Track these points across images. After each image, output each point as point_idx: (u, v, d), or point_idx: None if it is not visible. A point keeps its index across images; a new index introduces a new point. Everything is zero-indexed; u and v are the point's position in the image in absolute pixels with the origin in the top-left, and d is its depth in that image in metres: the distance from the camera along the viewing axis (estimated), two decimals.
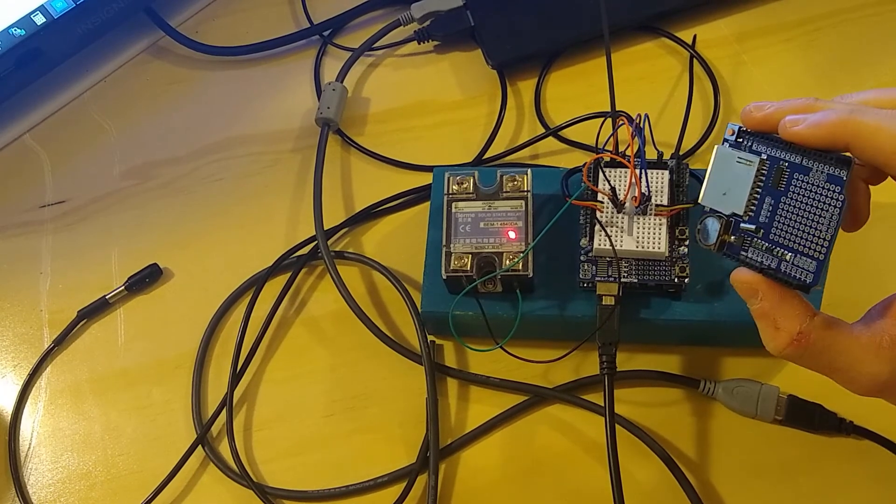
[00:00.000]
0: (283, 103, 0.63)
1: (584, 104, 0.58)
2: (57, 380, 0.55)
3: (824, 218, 0.33)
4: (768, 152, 0.35)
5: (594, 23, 0.55)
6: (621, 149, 0.46)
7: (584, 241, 0.46)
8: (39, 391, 0.54)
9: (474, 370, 0.51)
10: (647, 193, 0.44)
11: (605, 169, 0.46)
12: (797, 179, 0.34)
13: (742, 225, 0.35)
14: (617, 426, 0.45)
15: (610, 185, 0.44)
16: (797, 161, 0.34)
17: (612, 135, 0.46)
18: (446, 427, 0.50)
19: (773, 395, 0.47)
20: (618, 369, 0.45)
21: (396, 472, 0.49)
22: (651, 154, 0.46)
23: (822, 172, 0.34)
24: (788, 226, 0.34)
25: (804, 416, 0.47)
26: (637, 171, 0.43)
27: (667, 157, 0.47)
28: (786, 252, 0.34)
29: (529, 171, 0.47)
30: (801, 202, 0.34)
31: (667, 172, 0.45)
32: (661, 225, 0.44)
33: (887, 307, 0.34)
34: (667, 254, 0.44)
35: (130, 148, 0.62)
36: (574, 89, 0.60)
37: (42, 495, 0.51)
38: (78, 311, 0.56)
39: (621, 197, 0.44)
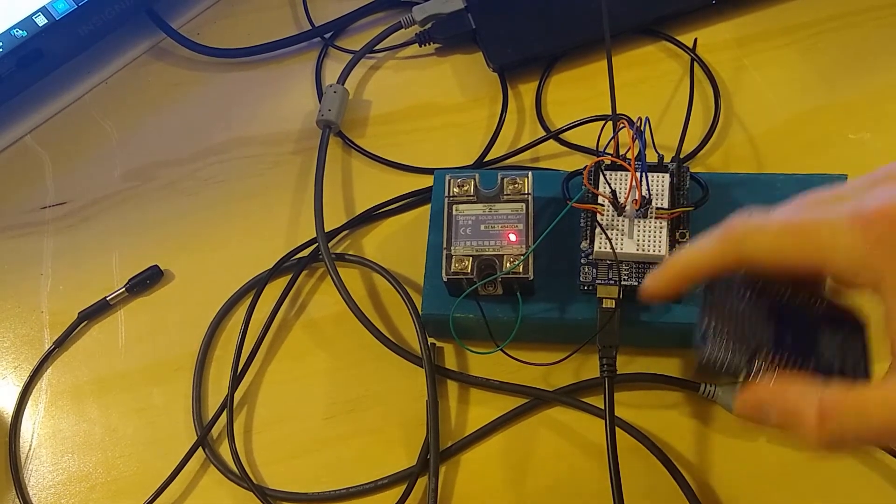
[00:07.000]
0: (284, 105, 0.63)
1: (584, 107, 0.58)
2: (57, 381, 0.55)
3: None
4: None
5: (595, 26, 0.55)
6: (622, 152, 0.46)
7: (584, 244, 0.46)
8: (40, 393, 0.54)
9: (474, 372, 0.51)
10: (647, 196, 0.44)
11: (605, 172, 0.46)
12: None
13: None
14: (617, 429, 0.45)
15: (610, 188, 0.44)
16: None
17: (613, 138, 0.46)
18: (446, 429, 0.50)
19: None
20: (618, 372, 0.45)
21: (396, 474, 0.49)
22: (652, 157, 0.46)
23: None
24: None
25: None
26: (638, 175, 0.44)
27: (667, 160, 0.47)
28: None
29: (530, 173, 0.47)
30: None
31: (667, 176, 0.45)
32: (661, 228, 0.45)
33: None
34: (667, 257, 0.44)
35: (131, 149, 0.62)
36: (575, 92, 0.60)
37: (42, 497, 0.51)
38: (79, 313, 0.56)
39: (622, 200, 0.44)
